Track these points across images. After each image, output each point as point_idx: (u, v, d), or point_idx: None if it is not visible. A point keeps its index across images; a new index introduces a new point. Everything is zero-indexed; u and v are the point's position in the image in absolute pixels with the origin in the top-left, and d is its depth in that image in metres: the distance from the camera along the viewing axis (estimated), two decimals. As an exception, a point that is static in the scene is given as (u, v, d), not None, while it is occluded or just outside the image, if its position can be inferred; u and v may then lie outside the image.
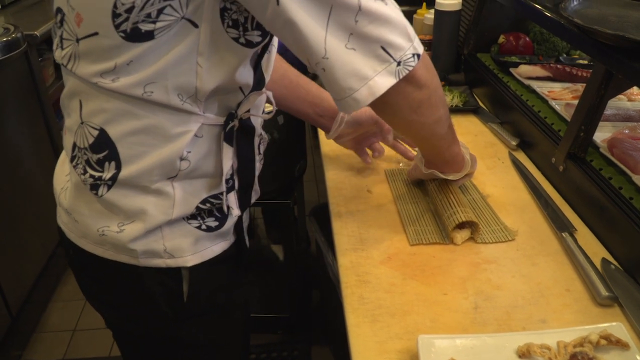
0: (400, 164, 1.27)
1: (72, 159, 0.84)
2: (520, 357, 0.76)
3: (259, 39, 0.78)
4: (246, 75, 0.82)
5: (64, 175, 0.89)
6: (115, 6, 0.70)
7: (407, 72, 0.76)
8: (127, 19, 0.70)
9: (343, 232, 1.05)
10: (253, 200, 0.97)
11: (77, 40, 0.76)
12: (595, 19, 1.07)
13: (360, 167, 1.26)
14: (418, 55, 0.77)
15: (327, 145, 1.32)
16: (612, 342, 0.76)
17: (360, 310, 0.87)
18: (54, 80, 2.52)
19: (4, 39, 2.01)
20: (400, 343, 0.80)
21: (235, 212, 0.89)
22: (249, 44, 0.78)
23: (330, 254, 1.52)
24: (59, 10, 0.79)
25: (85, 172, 0.82)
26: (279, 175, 1.82)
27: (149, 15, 0.70)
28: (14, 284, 2.07)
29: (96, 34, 0.73)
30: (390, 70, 0.75)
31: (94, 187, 0.82)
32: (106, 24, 0.71)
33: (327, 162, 1.29)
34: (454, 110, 1.50)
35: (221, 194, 0.86)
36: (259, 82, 0.85)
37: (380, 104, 0.79)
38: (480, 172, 1.21)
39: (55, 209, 0.94)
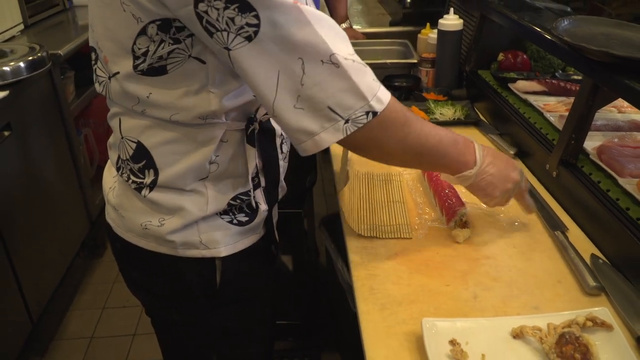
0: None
1: (118, 169, 0.96)
2: (514, 337, 0.85)
3: None
4: None
5: (112, 177, 1.01)
6: (133, 50, 0.82)
7: (355, 128, 0.81)
8: (143, 61, 0.82)
9: (353, 233, 1.14)
10: (280, 196, 1.07)
11: (109, 78, 0.88)
12: (584, 37, 1.16)
13: (367, 170, 1.35)
14: (374, 113, 0.82)
15: (337, 155, 1.42)
16: (597, 324, 0.85)
17: (370, 300, 0.96)
18: (74, 97, 2.64)
19: (30, 58, 2.13)
20: (407, 327, 0.89)
21: (263, 207, 0.99)
22: None
23: (340, 260, 1.61)
24: (92, 49, 0.91)
25: (129, 179, 0.94)
26: (291, 186, 1.91)
27: (160, 57, 0.81)
28: (34, 292, 2.16)
29: (118, 73, 0.86)
30: (338, 128, 0.81)
31: (138, 190, 0.93)
32: (127, 65, 0.84)
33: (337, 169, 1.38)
34: (457, 122, 1.60)
35: (249, 191, 0.96)
36: None
37: (348, 146, 0.88)
38: (480, 178, 1.31)
39: (74, 220, 1.05)
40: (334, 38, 0.78)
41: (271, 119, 0.96)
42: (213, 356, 1.08)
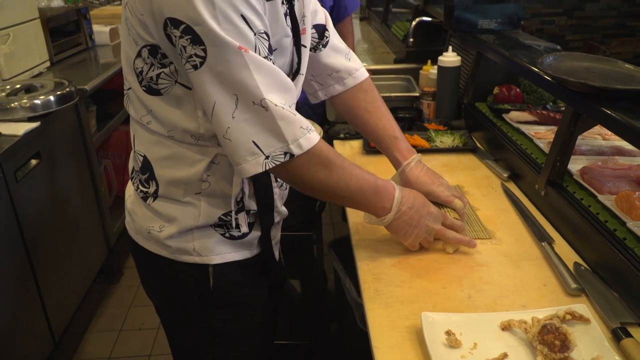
0: None
1: (132, 178, 1.12)
2: (503, 329, 0.97)
3: None
4: None
5: (130, 186, 1.15)
6: (135, 68, 0.99)
7: (274, 165, 0.93)
8: (142, 79, 0.99)
9: (360, 244, 1.26)
10: (277, 219, 1.17)
11: (127, 90, 1.06)
12: (566, 71, 1.31)
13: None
14: (291, 155, 0.93)
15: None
16: (575, 318, 0.96)
17: (375, 300, 1.08)
18: (96, 130, 2.80)
19: (59, 92, 2.29)
20: (408, 322, 1.01)
21: (244, 229, 1.09)
22: None
23: (348, 279, 1.72)
24: (121, 67, 1.07)
25: (138, 187, 1.09)
26: (301, 211, 2.04)
27: (151, 79, 0.98)
28: (57, 312, 2.27)
29: (130, 88, 1.03)
30: (258, 162, 0.92)
31: (145, 199, 1.08)
32: (134, 81, 1.01)
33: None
34: (456, 149, 1.74)
35: (231, 212, 1.07)
36: None
37: (278, 177, 1.01)
38: (476, 198, 1.45)
39: (94, 246, 1.20)
40: (271, 86, 0.90)
41: None
42: (209, 356, 1.18)
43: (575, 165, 1.37)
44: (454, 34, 2.13)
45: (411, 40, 2.67)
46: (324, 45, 1.27)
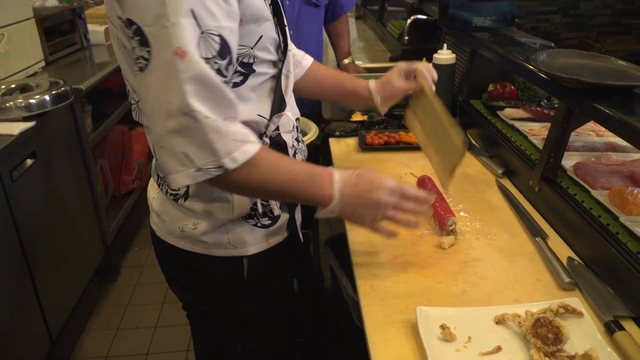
0: None
1: (159, 185, 1.13)
2: (497, 323, 0.98)
3: (240, 78, 1.00)
4: (257, 107, 1.05)
5: (155, 189, 1.16)
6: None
7: (206, 178, 0.90)
8: None
9: (356, 240, 1.27)
10: None
11: (136, 104, 1.05)
12: (559, 67, 1.32)
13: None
14: (225, 169, 0.90)
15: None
16: (568, 311, 0.97)
17: (371, 295, 1.08)
18: (91, 130, 2.79)
19: (55, 92, 2.29)
20: (403, 316, 1.02)
21: (277, 212, 1.13)
22: (236, 85, 1.00)
23: (344, 277, 1.72)
24: (125, 79, 1.05)
25: (167, 192, 1.10)
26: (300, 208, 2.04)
27: None
28: (54, 312, 2.27)
29: (139, 100, 1.02)
30: (189, 174, 0.90)
31: (176, 200, 1.09)
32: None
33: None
34: (450, 147, 1.74)
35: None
36: (279, 106, 1.09)
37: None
38: (471, 194, 1.46)
39: (91, 245, 1.20)
40: (203, 97, 0.86)
41: (282, 134, 1.11)
42: (238, 347, 1.21)
43: (569, 161, 1.38)
44: (449, 31, 2.13)
45: (406, 38, 2.68)
46: None
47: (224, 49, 0.89)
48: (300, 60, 1.37)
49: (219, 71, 0.89)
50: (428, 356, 0.89)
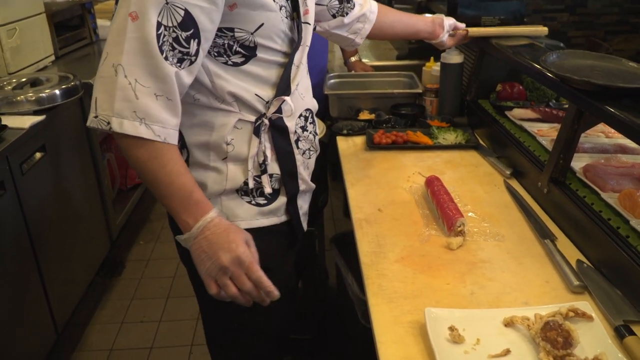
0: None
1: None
2: (505, 325, 0.98)
3: (242, 59, 1.09)
4: (256, 88, 1.11)
5: None
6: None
7: (97, 127, 0.96)
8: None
9: (364, 240, 1.27)
10: (302, 187, 1.23)
11: None
12: (569, 69, 1.31)
13: (375, 190, 1.49)
14: (111, 128, 0.95)
15: (350, 173, 1.57)
16: (578, 315, 0.97)
17: (379, 295, 1.09)
18: (99, 124, 2.80)
19: (64, 86, 2.30)
20: (411, 317, 1.02)
21: (267, 189, 1.15)
22: (236, 64, 1.09)
23: (350, 275, 1.73)
24: None
25: None
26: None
27: None
28: (60, 304, 2.29)
29: None
30: (91, 117, 0.97)
31: None
32: None
33: (349, 186, 1.52)
34: (458, 146, 1.75)
35: (259, 175, 1.14)
36: (283, 92, 1.13)
37: None
38: (479, 195, 1.46)
39: (97, 239, 1.20)
40: (136, 63, 0.94)
41: (285, 119, 1.15)
42: (234, 321, 1.23)
43: (578, 163, 1.38)
44: (458, 30, 2.12)
45: (414, 36, 2.67)
46: (352, 8, 1.48)
47: (188, 23, 0.97)
48: (367, 16, 1.53)
49: (176, 40, 0.96)
50: (437, 358, 0.89)
